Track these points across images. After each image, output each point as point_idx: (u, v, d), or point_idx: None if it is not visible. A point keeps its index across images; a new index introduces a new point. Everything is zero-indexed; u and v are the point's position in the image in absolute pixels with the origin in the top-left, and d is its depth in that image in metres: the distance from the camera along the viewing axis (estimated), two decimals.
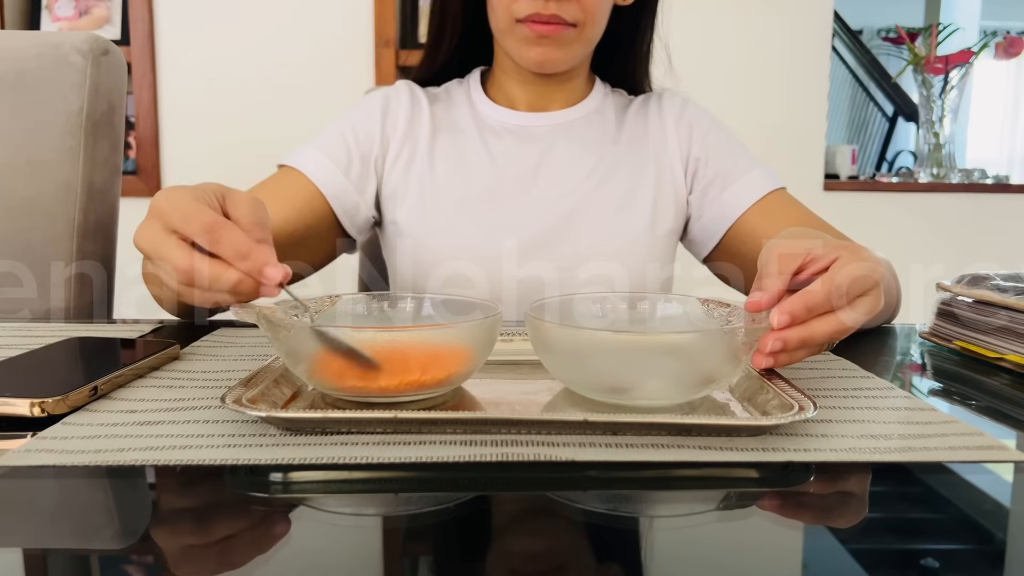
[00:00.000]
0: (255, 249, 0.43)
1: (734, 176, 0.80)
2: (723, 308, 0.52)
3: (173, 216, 0.44)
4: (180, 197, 0.44)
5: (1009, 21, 4.11)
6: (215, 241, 0.43)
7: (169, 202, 0.44)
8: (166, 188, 0.46)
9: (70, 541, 0.31)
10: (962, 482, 0.37)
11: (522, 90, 0.85)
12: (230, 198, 0.47)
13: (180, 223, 0.43)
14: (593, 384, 0.44)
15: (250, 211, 0.46)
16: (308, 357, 0.43)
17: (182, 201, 0.44)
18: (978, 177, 2.22)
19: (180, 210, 0.44)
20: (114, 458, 0.37)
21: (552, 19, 0.75)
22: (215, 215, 0.44)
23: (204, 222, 0.43)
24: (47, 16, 1.98)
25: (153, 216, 0.45)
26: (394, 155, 0.82)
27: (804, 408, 0.40)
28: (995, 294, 0.59)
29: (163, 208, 0.44)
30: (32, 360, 0.51)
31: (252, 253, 0.43)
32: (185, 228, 0.43)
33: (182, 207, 0.44)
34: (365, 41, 1.95)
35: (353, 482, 0.37)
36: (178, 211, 0.44)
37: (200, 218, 0.43)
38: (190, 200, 0.44)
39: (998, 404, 0.50)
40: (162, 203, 0.45)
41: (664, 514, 0.35)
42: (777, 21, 2.03)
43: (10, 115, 0.85)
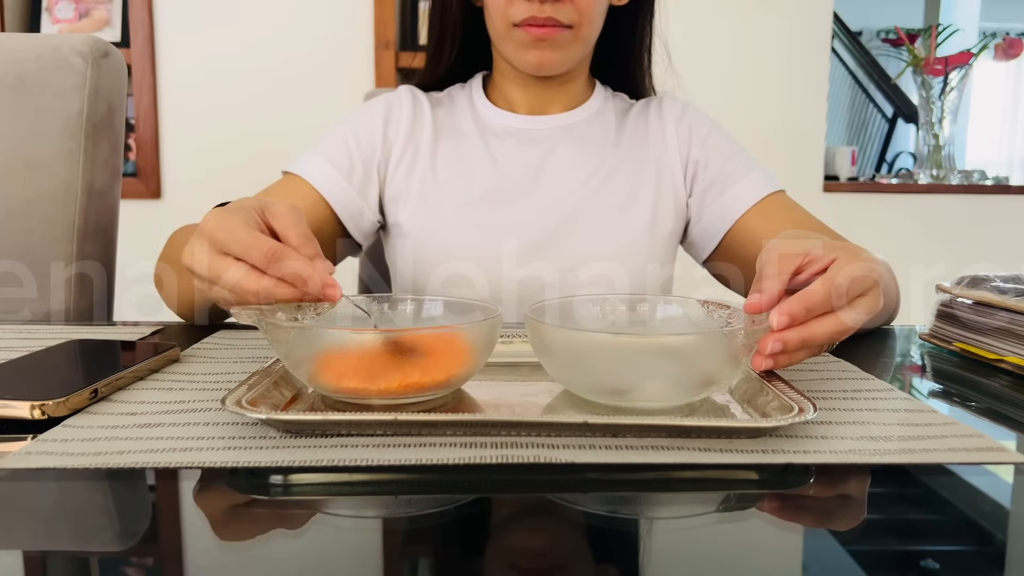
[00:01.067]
0: (314, 271, 0.45)
1: (733, 179, 0.80)
2: (723, 310, 0.52)
3: (230, 243, 0.46)
4: (232, 224, 0.46)
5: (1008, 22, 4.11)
6: (277, 269, 0.45)
7: (222, 229, 0.46)
8: (213, 212, 0.48)
9: (70, 543, 0.31)
10: (962, 484, 0.37)
11: (522, 93, 0.85)
12: (270, 212, 0.48)
13: (239, 250, 0.46)
14: (593, 386, 0.44)
15: (295, 225, 0.48)
16: (308, 359, 0.43)
17: (236, 228, 0.46)
18: (978, 178, 2.22)
19: (236, 238, 0.46)
20: (114, 460, 0.37)
21: (548, 21, 0.75)
22: (272, 243, 0.46)
23: (264, 251, 0.45)
24: (47, 18, 1.98)
25: (206, 240, 0.47)
26: (396, 159, 0.82)
27: (804, 410, 0.40)
28: (995, 296, 0.59)
29: (216, 234, 0.46)
30: (32, 362, 0.51)
31: (312, 276, 0.45)
32: (245, 255, 0.45)
33: (237, 235, 0.46)
34: (365, 43, 1.95)
35: (353, 484, 0.37)
36: (234, 239, 0.46)
37: (259, 247, 0.45)
38: (243, 227, 0.46)
39: (998, 406, 0.50)
40: (214, 228, 0.46)
41: (664, 516, 0.35)
42: (776, 22, 2.03)
43: (10, 117, 0.85)
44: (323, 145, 0.81)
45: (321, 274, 0.46)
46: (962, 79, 2.17)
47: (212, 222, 0.47)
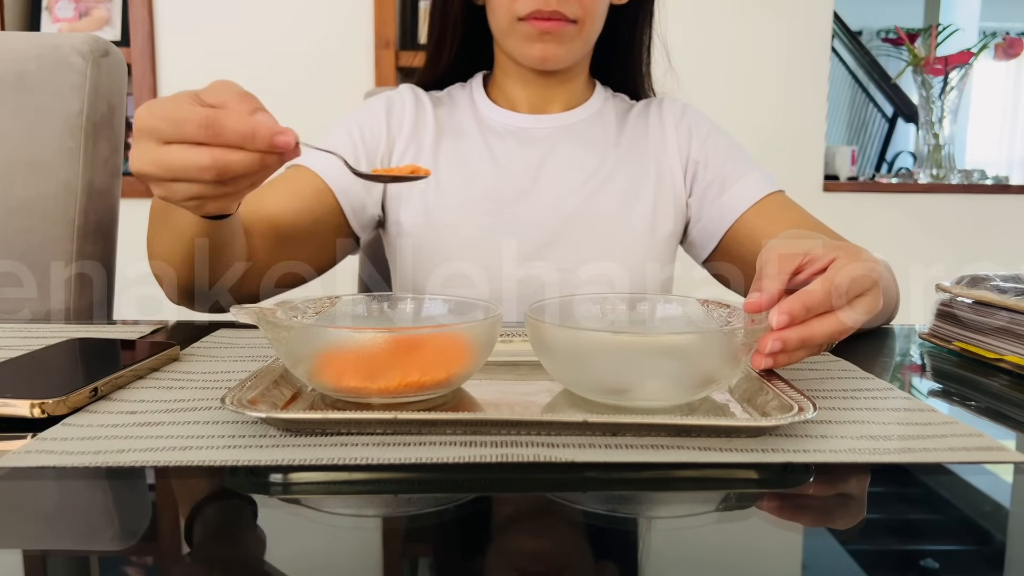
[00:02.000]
0: (258, 124, 0.42)
1: (732, 179, 0.81)
2: (722, 309, 0.52)
3: (164, 126, 0.43)
4: (163, 108, 0.43)
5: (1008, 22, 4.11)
6: (217, 133, 0.42)
7: (153, 115, 0.43)
8: (144, 105, 0.44)
9: (70, 542, 0.31)
10: (962, 483, 0.37)
11: (523, 91, 0.85)
12: (203, 93, 0.45)
13: (174, 130, 0.42)
14: (593, 385, 0.44)
15: (227, 90, 0.44)
16: (308, 358, 0.43)
17: (166, 109, 0.43)
18: (978, 178, 2.22)
19: (169, 117, 0.42)
20: (114, 459, 0.37)
21: (553, 15, 0.76)
22: (204, 110, 0.42)
23: (198, 119, 0.42)
24: (47, 17, 1.98)
25: (143, 136, 0.44)
26: (399, 155, 0.82)
27: (804, 409, 0.40)
28: (995, 295, 0.59)
29: (150, 123, 0.43)
30: (32, 361, 0.51)
31: (257, 129, 0.42)
32: (182, 133, 0.42)
33: (169, 114, 0.42)
34: (365, 42, 1.95)
35: (353, 483, 0.37)
36: (167, 118, 0.43)
37: (193, 117, 0.42)
38: (173, 105, 0.43)
39: (997, 405, 0.50)
40: (147, 119, 0.43)
41: (664, 515, 0.35)
42: (776, 22, 2.03)
43: (10, 116, 0.85)
44: (328, 139, 0.81)
45: (265, 125, 0.42)
46: (962, 79, 2.17)
47: (145, 114, 0.44)
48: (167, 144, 0.43)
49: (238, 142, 0.42)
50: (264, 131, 0.42)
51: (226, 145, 0.42)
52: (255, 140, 0.42)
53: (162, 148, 0.43)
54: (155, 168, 0.44)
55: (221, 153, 0.42)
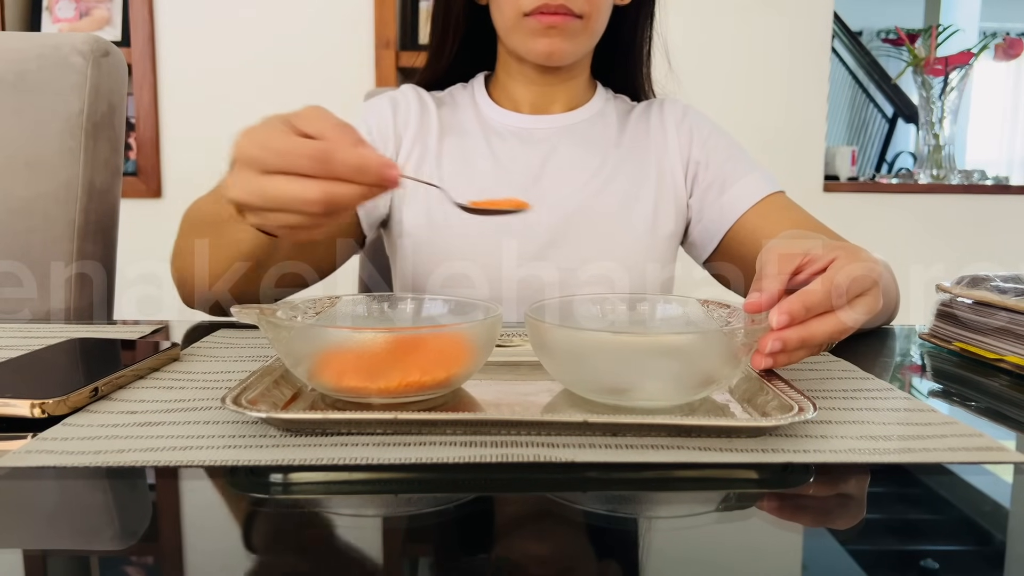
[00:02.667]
0: (365, 158, 0.42)
1: (733, 179, 0.81)
2: (723, 309, 0.52)
3: (271, 157, 0.42)
4: (266, 137, 0.42)
5: (1009, 22, 4.11)
6: (329, 168, 0.41)
7: (257, 145, 0.42)
8: (242, 133, 0.44)
9: (70, 542, 0.31)
10: (961, 483, 0.37)
11: (525, 90, 0.86)
12: (296, 117, 0.44)
13: (282, 161, 0.42)
14: (593, 385, 0.44)
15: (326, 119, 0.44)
16: (308, 358, 0.43)
17: (272, 140, 0.42)
18: (978, 178, 2.22)
19: (276, 148, 0.42)
20: (114, 459, 0.37)
21: (560, 10, 0.76)
22: (316, 143, 0.42)
23: (310, 154, 0.41)
24: (47, 17, 1.98)
25: (244, 165, 0.43)
26: (405, 154, 0.83)
27: (804, 409, 0.40)
28: (995, 295, 0.59)
29: (254, 153, 0.42)
30: (32, 361, 0.51)
31: (367, 163, 0.42)
32: (291, 164, 0.42)
33: (276, 145, 0.42)
34: (365, 43, 1.95)
35: (353, 483, 0.37)
36: (274, 150, 0.42)
37: (303, 150, 0.41)
38: (275, 135, 0.42)
39: (997, 405, 0.50)
40: (249, 148, 0.43)
41: (664, 515, 0.35)
42: (777, 22, 2.03)
43: (11, 116, 0.85)
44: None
45: (376, 158, 0.42)
46: (962, 79, 2.17)
47: (245, 143, 0.43)
48: (270, 174, 0.42)
49: (348, 176, 0.42)
50: (374, 165, 0.42)
51: (336, 178, 0.42)
52: (365, 174, 0.42)
53: (264, 178, 0.43)
54: (257, 199, 0.43)
55: (331, 186, 0.42)
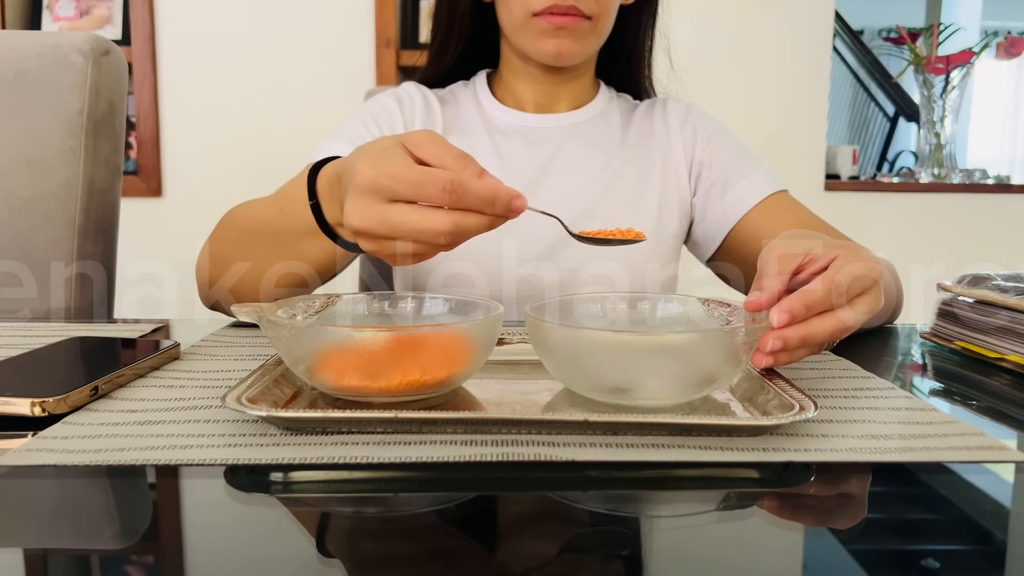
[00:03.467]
0: (496, 189, 0.42)
1: (736, 179, 0.81)
2: (723, 308, 0.52)
3: (399, 186, 0.42)
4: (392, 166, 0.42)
5: (1010, 21, 4.11)
6: (460, 199, 0.41)
7: (382, 174, 0.42)
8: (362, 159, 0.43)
9: (70, 541, 0.31)
10: (963, 482, 0.37)
11: (530, 89, 0.85)
12: (411, 143, 0.44)
13: (412, 192, 0.41)
14: (593, 384, 0.44)
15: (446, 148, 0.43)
16: (308, 357, 0.43)
17: (398, 170, 0.42)
18: (979, 177, 2.22)
19: (404, 179, 0.42)
20: (114, 458, 0.37)
21: (570, 11, 0.76)
22: (448, 174, 0.41)
23: (442, 185, 0.41)
24: (48, 16, 1.98)
25: (366, 193, 0.43)
26: None
27: (804, 408, 0.40)
28: (996, 294, 0.59)
29: (379, 182, 0.42)
30: (33, 360, 0.51)
31: (496, 194, 0.42)
32: (421, 196, 0.42)
33: (405, 175, 0.42)
34: (366, 41, 1.95)
35: (353, 482, 0.37)
36: (402, 180, 0.42)
37: (435, 182, 0.41)
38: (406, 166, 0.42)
39: (999, 404, 0.50)
40: (374, 176, 0.42)
41: (664, 514, 0.35)
42: (778, 21, 2.03)
43: (11, 115, 0.85)
44: (344, 132, 0.80)
45: (505, 190, 0.42)
46: (964, 78, 2.17)
47: (368, 169, 0.42)
48: (395, 203, 0.42)
49: (479, 207, 0.42)
50: (504, 196, 0.42)
51: (466, 209, 0.42)
52: (495, 205, 0.42)
53: (390, 207, 0.42)
54: (381, 227, 0.43)
55: (461, 217, 0.42)
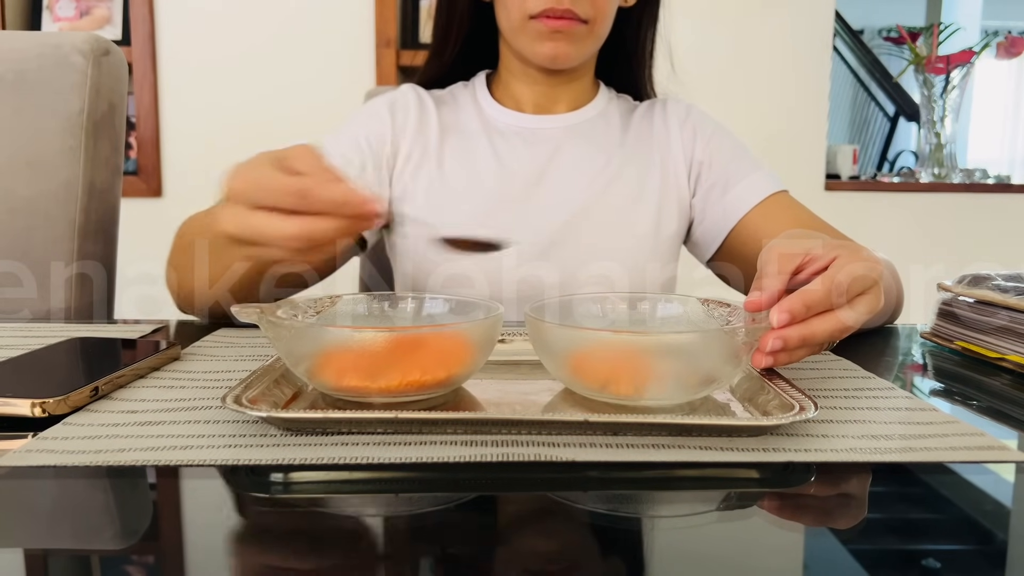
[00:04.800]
0: (348, 193, 0.43)
1: (736, 179, 0.81)
2: (723, 308, 0.52)
3: (256, 192, 0.44)
4: (256, 176, 0.44)
5: (1010, 21, 4.11)
6: (309, 203, 0.43)
7: (248, 184, 0.44)
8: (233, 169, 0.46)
9: (71, 541, 0.31)
10: (963, 482, 0.37)
11: (529, 91, 0.85)
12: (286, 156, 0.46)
13: (270, 199, 0.44)
14: (593, 384, 0.44)
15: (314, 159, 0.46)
16: (308, 357, 0.43)
17: (260, 179, 0.44)
18: (979, 177, 2.22)
19: (263, 187, 0.44)
20: (115, 458, 0.37)
21: (566, 14, 0.76)
22: (297, 180, 0.44)
23: (292, 190, 0.43)
24: (48, 16, 1.98)
25: (233, 199, 0.45)
26: (404, 156, 0.82)
27: (805, 408, 0.40)
28: (996, 294, 0.59)
29: (241, 188, 0.45)
30: (33, 360, 0.51)
31: (348, 198, 0.43)
32: (278, 203, 0.44)
33: (264, 184, 0.44)
34: (366, 41, 1.95)
35: (353, 482, 0.37)
36: (262, 189, 0.44)
37: (286, 187, 0.43)
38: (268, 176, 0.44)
39: (999, 404, 0.50)
40: (237, 184, 0.45)
41: (664, 514, 0.35)
42: (778, 21, 2.03)
43: (11, 115, 0.85)
44: (333, 143, 0.81)
45: (355, 194, 0.44)
46: (964, 78, 2.17)
47: (238, 182, 0.45)
48: (256, 209, 0.44)
49: (328, 210, 0.44)
50: (355, 200, 0.44)
51: (316, 213, 0.44)
52: (345, 209, 0.44)
53: (251, 214, 0.45)
54: (245, 231, 0.45)
55: (311, 222, 0.44)
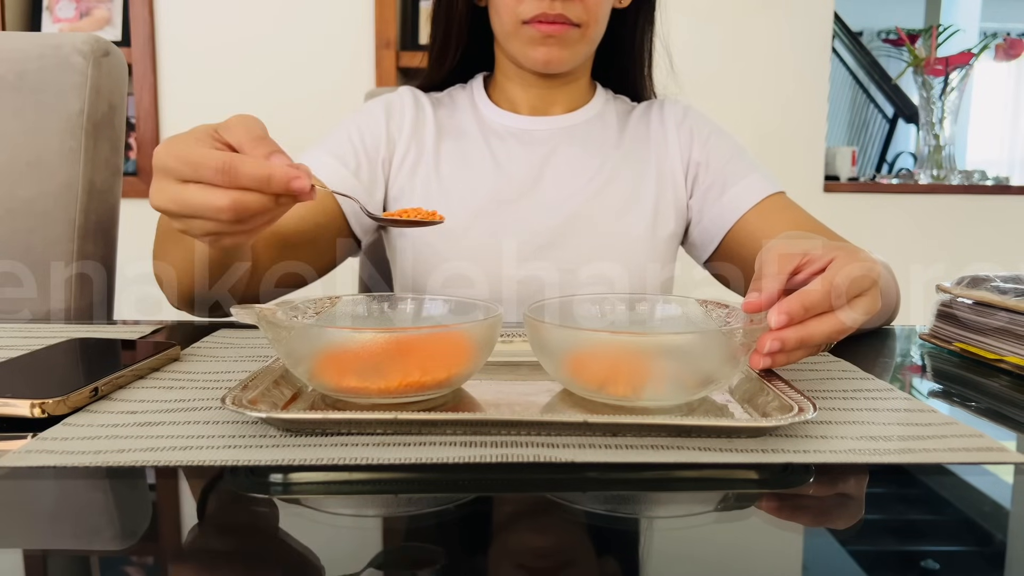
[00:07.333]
0: (273, 169, 0.43)
1: (733, 180, 0.81)
2: (721, 309, 0.52)
3: (182, 167, 0.44)
4: (181, 148, 0.44)
5: (1009, 23, 4.11)
6: (233, 179, 0.43)
7: (172, 155, 0.44)
8: (163, 143, 0.45)
9: (70, 542, 0.31)
10: (962, 483, 0.37)
11: (524, 93, 0.86)
12: (222, 128, 0.46)
13: (192, 172, 0.43)
14: (592, 385, 0.44)
15: (246, 131, 0.45)
16: (308, 358, 0.43)
17: (185, 150, 0.44)
18: (978, 179, 2.22)
19: (187, 159, 0.43)
20: (114, 459, 0.37)
21: (558, 19, 0.76)
22: (221, 153, 0.43)
23: (214, 165, 0.43)
24: (48, 17, 1.98)
25: (161, 174, 0.45)
26: (400, 157, 0.82)
27: (804, 409, 0.40)
28: (995, 296, 0.59)
29: (168, 163, 0.44)
30: (33, 361, 0.51)
31: (272, 174, 0.43)
32: (199, 175, 0.43)
33: (187, 156, 0.43)
34: (366, 43, 1.95)
35: (353, 483, 0.37)
36: (185, 161, 0.43)
37: (209, 162, 0.43)
38: (192, 147, 0.44)
39: (998, 406, 0.50)
40: (165, 158, 0.44)
41: (663, 515, 0.35)
42: (777, 23, 2.03)
43: (11, 116, 0.85)
44: (328, 144, 0.81)
45: (281, 170, 0.43)
46: (963, 79, 2.17)
47: (162, 152, 0.44)
48: (185, 183, 0.44)
49: (254, 186, 0.43)
50: (280, 176, 0.43)
51: (243, 188, 0.43)
52: (271, 184, 0.43)
53: (180, 187, 0.44)
54: (174, 205, 0.45)
55: (239, 195, 0.43)
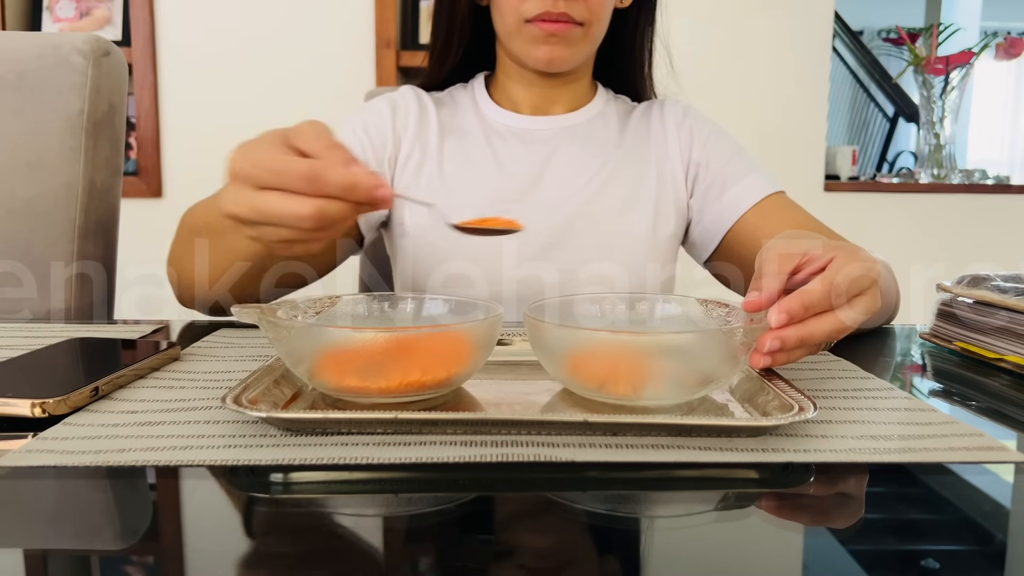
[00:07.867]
0: (358, 177, 0.43)
1: (733, 180, 0.81)
2: (722, 308, 0.52)
3: (263, 174, 0.43)
4: (259, 155, 0.44)
5: (1010, 22, 4.11)
6: (319, 187, 0.42)
7: (249, 162, 0.44)
8: (236, 149, 0.45)
9: (71, 542, 0.31)
10: (962, 483, 0.37)
11: (526, 92, 0.86)
12: (292, 134, 0.46)
13: (274, 179, 0.43)
14: (592, 385, 0.44)
15: (321, 138, 0.45)
16: (308, 357, 0.43)
17: (264, 157, 0.43)
18: (979, 178, 2.22)
19: (269, 167, 0.43)
20: (115, 459, 0.37)
21: (561, 17, 0.76)
22: (305, 161, 0.43)
23: (300, 172, 0.42)
24: (48, 17, 1.98)
25: (238, 180, 0.44)
26: (405, 155, 0.83)
27: (804, 409, 0.40)
28: (995, 295, 0.59)
29: (247, 170, 0.44)
30: (33, 360, 0.51)
31: (357, 182, 0.43)
32: (282, 182, 0.43)
33: (269, 163, 0.43)
34: (366, 42, 1.95)
35: (353, 483, 0.37)
36: (267, 168, 0.43)
37: (294, 169, 0.42)
38: (271, 153, 0.44)
39: (998, 405, 0.50)
40: (242, 165, 0.44)
41: (664, 515, 0.35)
42: (778, 22, 2.03)
43: (11, 116, 0.85)
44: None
45: (366, 178, 0.43)
46: (963, 78, 2.17)
47: (239, 160, 0.44)
48: (263, 190, 0.44)
49: (338, 194, 0.43)
50: (365, 184, 0.43)
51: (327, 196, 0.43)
52: (355, 193, 0.43)
53: (258, 194, 0.44)
54: (251, 213, 0.44)
55: (323, 203, 0.43)
